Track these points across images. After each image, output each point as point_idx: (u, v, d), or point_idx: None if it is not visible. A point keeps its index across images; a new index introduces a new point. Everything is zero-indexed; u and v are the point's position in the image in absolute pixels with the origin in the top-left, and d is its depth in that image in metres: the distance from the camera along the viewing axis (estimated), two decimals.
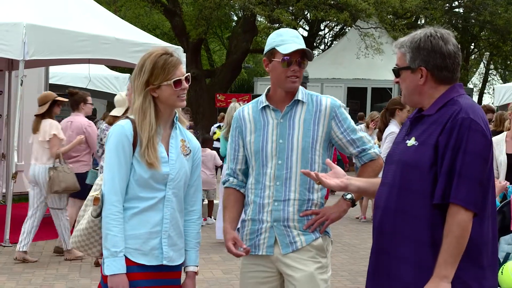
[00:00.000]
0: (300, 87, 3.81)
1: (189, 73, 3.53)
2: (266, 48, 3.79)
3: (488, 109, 9.93)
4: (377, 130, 9.64)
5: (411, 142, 3.03)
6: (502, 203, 5.65)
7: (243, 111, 3.89)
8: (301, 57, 3.72)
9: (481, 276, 2.98)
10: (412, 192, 2.96)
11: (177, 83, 3.43)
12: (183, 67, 3.52)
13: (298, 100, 3.78)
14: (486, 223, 2.99)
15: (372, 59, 23.04)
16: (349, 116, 3.85)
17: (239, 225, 3.92)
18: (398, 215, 3.01)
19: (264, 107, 3.81)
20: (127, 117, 3.50)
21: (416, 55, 3.05)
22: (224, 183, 3.96)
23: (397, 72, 3.14)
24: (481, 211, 2.93)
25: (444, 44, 3.04)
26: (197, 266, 3.61)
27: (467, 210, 2.87)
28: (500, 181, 6.17)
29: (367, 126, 13.88)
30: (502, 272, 5.24)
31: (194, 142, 3.64)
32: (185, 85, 3.46)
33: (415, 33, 3.12)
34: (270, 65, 3.78)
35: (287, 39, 3.73)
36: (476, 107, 3.02)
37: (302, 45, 3.71)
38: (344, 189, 3.32)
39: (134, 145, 3.40)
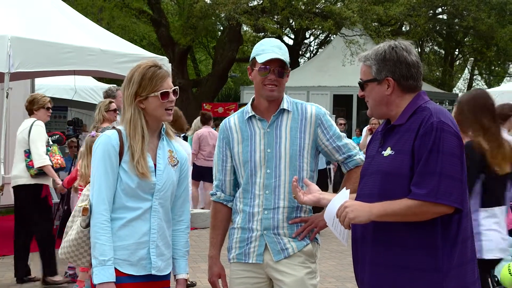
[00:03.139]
0: (285, 96, 3.85)
1: (176, 87, 3.57)
2: (250, 57, 3.85)
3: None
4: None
5: (388, 152, 3.09)
6: None
7: (229, 121, 3.92)
8: (280, 66, 3.75)
9: (464, 271, 3.06)
10: (394, 199, 3.01)
11: (164, 95, 3.47)
12: (170, 80, 3.56)
13: (284, 109, 3.82)
14: (467, 219, 3.09)
15: (358, 66, 23.05)
16: (334, 123, 3.90)
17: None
18: (378, 222, 3.06)
19: (250, 117, 3.85)
20: (114, 127, 3.54)
21: (382, 66, 3.14)
22: (212, 196, 4.01)
23: (362, 85, 3.22)
24: (464, 207, 3.02)
25: (408, 54, 3.14)
26: (187, 273, 3.68)
27: (447, 206, 2.96)
28: None
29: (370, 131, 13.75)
30: (510, 271, 5.22)
31: (182, 153, 3.68)
32: (172, 97, 3.50)
33: (378, 46, 3.21)
34: (252, 73, 3.83)
35: (266, 49, 3.77)
36: (444, 110, 3.12)
37: (279, 54, 3.74)
38: (317, 203, 3.40)
39: (121, 155, 3.43)
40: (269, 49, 3.77)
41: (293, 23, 27.99)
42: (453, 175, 2.97)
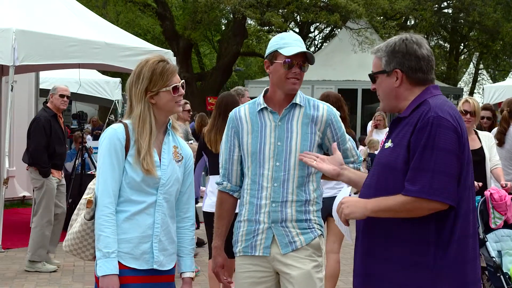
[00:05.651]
0: (299, 91, 3.86)
1: (183, 80, 3.58)
2: (268, 51, 3.84)
3: (485, 108, 9.92)
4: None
5: (388, 144, 3.11)
6: (479, 202, 5.70)
7: (239, 111, 3.92)
8: (302, 61, 3.77)
9: (464, 270, 3.04)
10: (388, 192, 3.01)
11: (175, 89, 3.49)
12: (177, 74, 3.57)
13: (296, 104, 3.83)
14: (470, 217, 3.06)
15: (365, 57, 23.02)
16: (343, 125, 3.93)
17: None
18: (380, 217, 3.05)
19: (261, 109, 3.85)
20: (120, 121, 3.54)
21: (392, 58, 3.13)
22: (219, 185, 4.00)
23: (373, 77, 3.21)
24: (460, 204, 2.99)
25: (418, 47, 3.13)
26: (193, 271, 3.66)
27: (440, 203, 2.94)
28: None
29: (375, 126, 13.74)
30: None
31: (187, 149, 3.67)
32: (182, 91, 3.52)
33: (390, 39, 3.21)
34: (271, 67, 3.82)
35: (290, 42, 3.78)
36: (446, 105, 3.08)
37: (304, 48, 3.77)
38: (336, 176, 3.44)
39: (127, 148, 3.44)
40: (292, 42, 3.79)
41: (299, 16, 27.97)
42: (447, 171, 2.94)
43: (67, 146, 8.96)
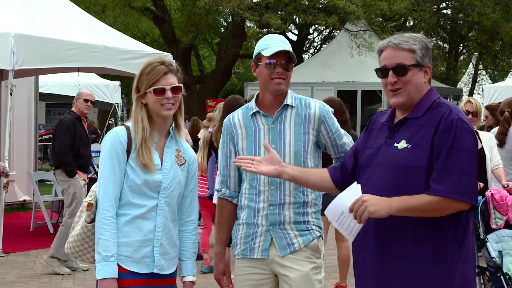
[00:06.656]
0: (290, 91, 3.85)
1: (179, 84, 3.52)
2: (254, 54, 3.85)
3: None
4: None
5: (402, 145, 3.07)
6: (480, 202, 5.69)
7: (233, 117, 3.92)
8: (286, 61, 3.75)
9: (468, 268, 3.08)
10: (409, 193, 2.99)
11: (158, 91, 3.44)
12: (173, 77, 3.51)
13: (288, 105, 3.82)
14: (471, 215, 3.11)
15: (366, 57, 23.06)
16: (336, 121, 3.91)
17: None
18: (394, 215, 3.02)
19: (254, 113, 3.85)
20: (123, 124, 3.55)
21: (425, 53, 3.12)
22: (217, 191, 3.99)
23: (405, 69, 3.10)
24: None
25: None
26: (195, 275, 3.65)
27: (466, 203, 2.97)
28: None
29: None
30: None
31: (190, 153, 3.65)
32: (169, 94, 3.45)
33: (406, 34, 3.15)
34: (257, 70, 3.82)
35: (271, 43, 3.78)
36: (458, 107, 3.13)
37: (285, 47, 3.75)
38: (277, 176, 3.42)
39: (128, 151, 3.43)
40: (274, 43, 3.78)
41: (297, 19, 27.98)
42: (471, 172, 2.98)
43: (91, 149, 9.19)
